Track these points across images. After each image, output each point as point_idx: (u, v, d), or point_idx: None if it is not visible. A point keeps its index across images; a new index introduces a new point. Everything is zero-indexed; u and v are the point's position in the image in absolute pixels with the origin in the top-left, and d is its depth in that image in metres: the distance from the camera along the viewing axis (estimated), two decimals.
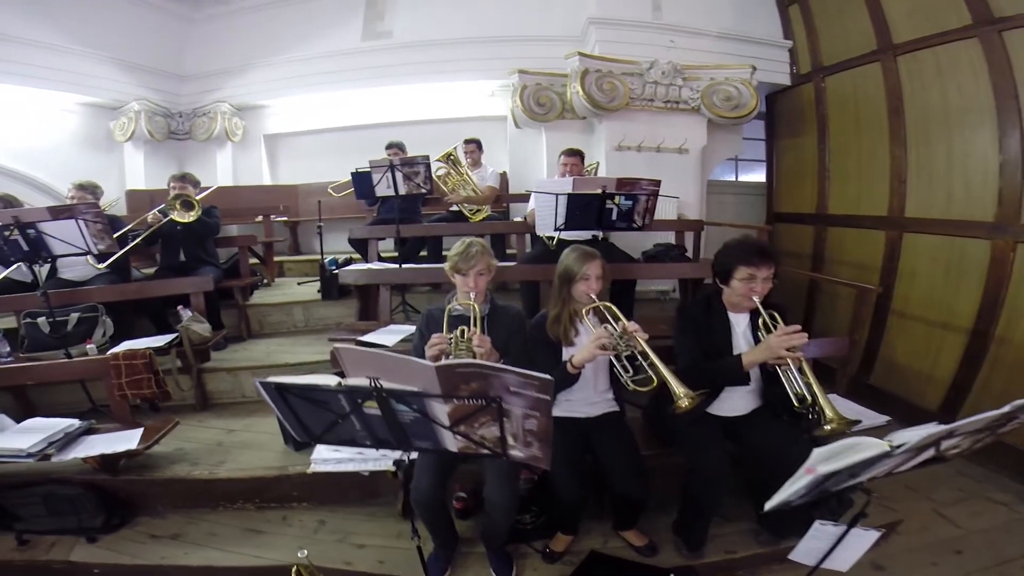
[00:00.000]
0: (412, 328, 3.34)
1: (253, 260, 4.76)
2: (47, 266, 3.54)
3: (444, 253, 4.53)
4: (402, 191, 3.87)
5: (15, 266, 3.14)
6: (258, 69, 6.26)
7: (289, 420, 1.51)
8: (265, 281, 4.93)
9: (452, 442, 1.45)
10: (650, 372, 1.95)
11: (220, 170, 6.30)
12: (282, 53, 6.15)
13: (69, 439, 2.62)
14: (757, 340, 2.11)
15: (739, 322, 2.21)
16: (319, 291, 4.42)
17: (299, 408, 1.46)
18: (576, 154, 3.78)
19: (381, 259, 4.29)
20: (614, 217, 2.94)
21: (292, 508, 2.70)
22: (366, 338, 3.19)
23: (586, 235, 3.38)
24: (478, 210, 4.65)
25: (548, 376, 1.21)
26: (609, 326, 2.04)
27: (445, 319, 2.15)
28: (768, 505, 1.32)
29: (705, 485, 2.11)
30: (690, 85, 5.12)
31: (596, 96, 4.98)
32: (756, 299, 2.05)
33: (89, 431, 2.73)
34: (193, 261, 3.91)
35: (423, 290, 4.31)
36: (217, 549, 2.44)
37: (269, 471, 2.72)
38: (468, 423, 1.37)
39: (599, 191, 2.84)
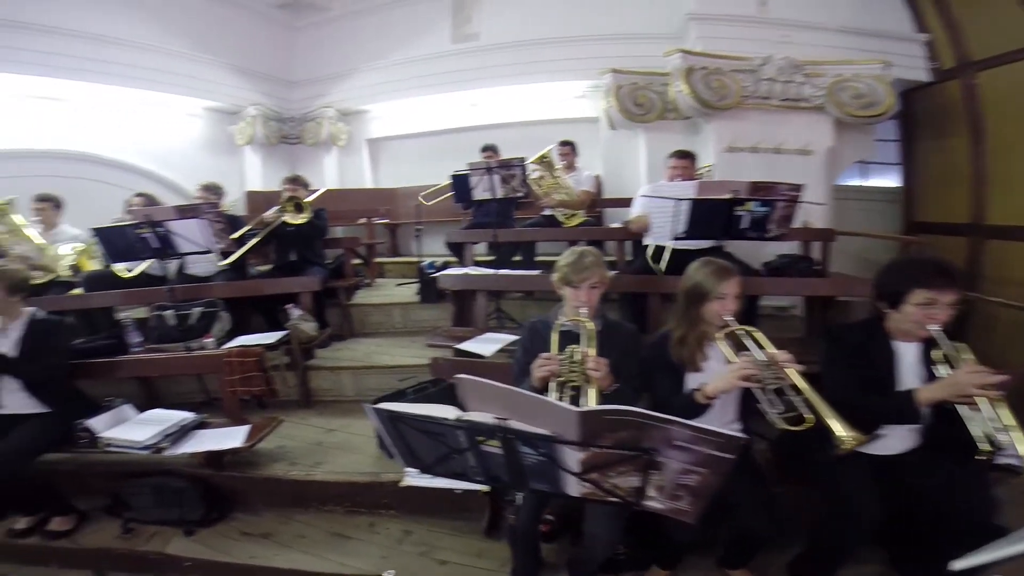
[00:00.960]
0: (509, 337, 3.23)
1: (356, 261, 4.89)
2: (176, 262, 3.83)
3: (537, 259, 4.47)
4: (499, 194, 3.80)
5: (149, 261, 3.41)
6: (358, 75, 6.49)
7: (398, 447, 1.42)
8: (367, 282, 5.06)
9: (576, 488, 1.29)
10: (802, 409, 1.67)
11: (327, 173, 6.62)
12: (379, 58, 6.35)
13: (182, 433, 2.73)
14: (930, 374, 1.76)
15: (906, 352, 1.85)
16: (417, 293, 4.45)
17: (410, 437, 1.37)
18: (686, 156, 3.49)
19: (475, 263, 4.24)
20: (744, 225, 2.63)
21: (380, 515, 2.66)
22: (463, 346, 3.12)
23: (699, 244, 3.08)
24: (572, 215, 4.47)
25: (741, 435, 1.02)
26: (750, 353, 1.78)
27: (554, 336, 1.97)
28: (961, 564, 1.10)
29: (850, 530, 1.82)
30: (812, 82, 4.68)
31: (704, 94, 4.66)
32: (935, 328, 1.70)
33: (201, 425, 2.84)
34: (303, 261, 4.07)
35: (515, 297, 4.19)
36: (304, 552, 2.44)
37: (363, 477, 2.71)
38: (603, 471, 1.19)
39: (728, 196, 2.55)
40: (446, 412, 1.28)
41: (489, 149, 4.85)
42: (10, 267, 2.74)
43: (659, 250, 3.01)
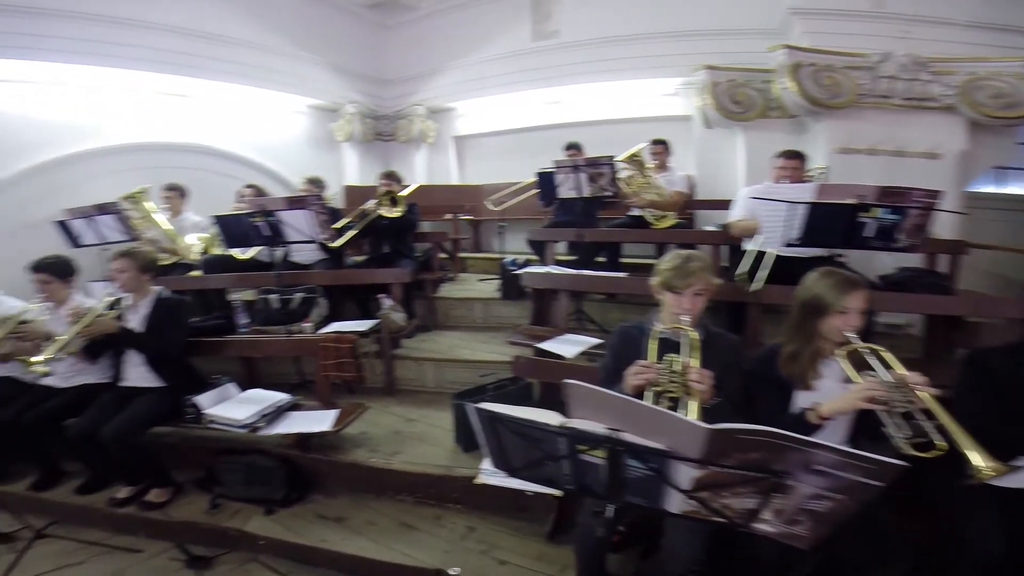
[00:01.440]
0: (591, 340, 3.17)
1: (441, 255, 5.01)
2: (282, 249, 4.10)
3: (622, 260, 4.35)
4: (586, 193, 3.73)
5: (260, 248, 3.67)
6: (444, 72, 6.62)
7: (491, 447, 1.41)
8: (450, 276, 5.18)
9: (678, 505, 1.22)
10: (933, 435, 1.49)
11: (417, 169, 6.83)
12: (463, 56, 6.43)
13: (277, 414, 2.88)
14: None
15: None
16: (497, 290, 4.49)
17: (506, 439, 1.35)
18: (796, 156, 3.23)
19: (556, 262, 4.20)
20: (868, 233, 2.38)
21: (447, 509, 2.69)
22: (543, 346, 3.10)
23: (808, 252, 2.84)
24: (663, 216, 4.30)
25: (899, 462, 0.91)
26: (874, 373, 1.60)
27: (652, 344, 1.87)
28: None
29: (966, 566, 1.66)
30: (941, 80, 4.24)
31: (814, 92, 4.34)
32: None
33: (294, 407, 2.98)
34: (394, 253, 4.22)
35: (597, 298, 4.10)
36: (372, 540, 2.49)
37: (436, 469, 2.75)
38: (715, 490, 1.12)
39: (853, 201, 2.32)
40: (549, 418, 1.25)
41: (573, 147, 4.78)
42: (143, 248, 3.06)
43: (760, 257, 2.81)
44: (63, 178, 4.37)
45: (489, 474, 2.21)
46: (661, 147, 4.59)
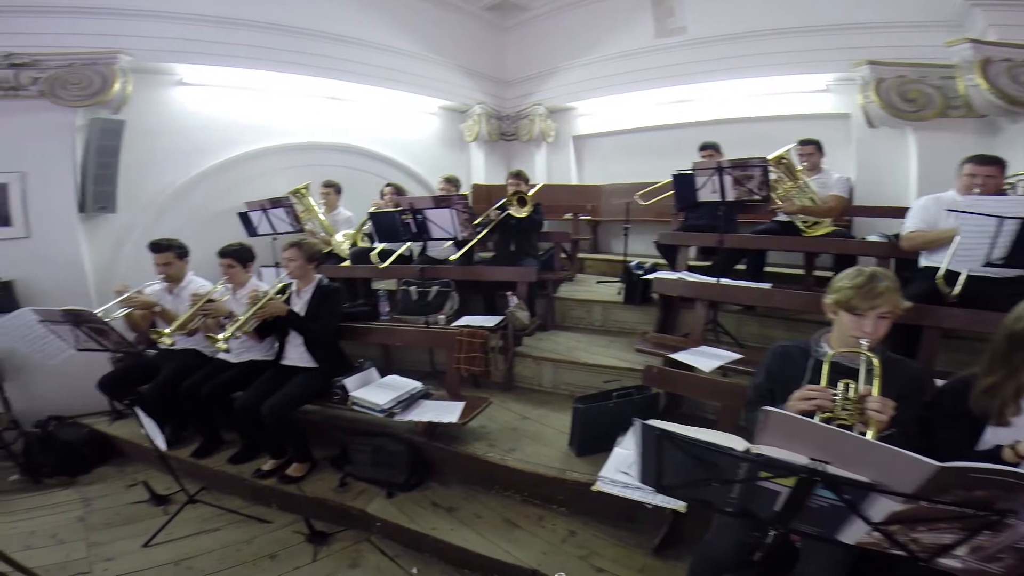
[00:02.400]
0: (729, 354, 2.98)
1: (561, 255, 5.02)
2: (420, 244, 4.37)
3: (766, 270, 4.04)
4: (730, 197, 3.50)
5: (406, 244, 3.95)
6: (563, 72, 6.58)
7: (646, 461, 1.38)
8: (570, 276, 5.17)
9: (856, 535, 1.16)
10: None
11: (537, 169, 6.90)
12: (581, 55, 6.34)
13: (411, 401, 3.07)
14: None
15: None
16: (619, 293, 4.40)
17: (668, 456, 1.31)
18: (993, 162, 2.75)
19: (688, 268, 4.01)
20: None
21: (551, 510, 2.69)
22: (678, 356, 2.97)
23: (1003, 273, 2.41)
24: (816, 223, 3.92)
25: None
26: None
27: (825, 367, 1.71)
28: None
29: None
30: None
31: (1011, 90, 3.82)
32: None
33: (425, 395, 3.16)
34: (520, 252, 4.31)
35: (732, 309, 3.85)
36: (477, 533, 2.55)
37: (549, 471, 2.75)
38: (911, 524, 1.05)
39: None
40: (732, 442, 1.21)
41: (710, 148, 4.52)
42: (310, 240, 3.41)
43: (951, 275, 2.44)
44: (243, 173, 5.01)
45: (608, 483, 2.20)
46: (811, 147, 4.18)
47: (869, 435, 1.49)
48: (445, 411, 2.99)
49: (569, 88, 6.61)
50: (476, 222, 3.92)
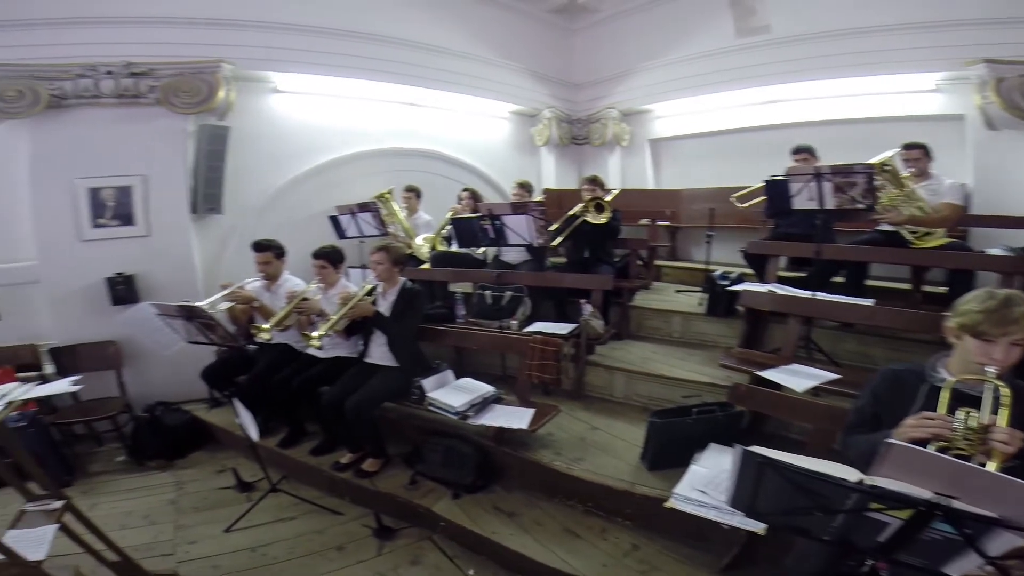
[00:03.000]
0: (825, 374, 2.79)
1: (637, 262, 4.90)
2: (494, 249, 4.42)
3: (867, 284, 3.73)
4: (829, 204, 3.26)
5: (483, 249, 4.01)
6: (636, 74, 6.41)
7: (741, 486, 1.33)
8: (646, 284, 5.04)
9: (965, 568, 1.15)
10: None
11: (611, 173, 6.78)
12: (656, 57, 6.16)
13: (484, 405, 3.11)
14: None
15: None
16: (700, 304, 4.23)
17: (767, 483, 1.26)
18: None
19: (779, 280, 3.77)
20: None
21: (614, 523, 2.63)
22: (767, 374, 2.81)
23: None
24: (926, 233, 3.57)
25: None
26: None
27: (944, 394, 1.56)
28: None
29: None
30: None
31: None
32: None
33: (497, 400, 3.19)
34: (594, 259, 4.25)
35: (828, 325, 3.57)
36: (536, 541, 2.55)
37: (618, 483, 2.71)
38: None
39: None
40: (844, 472, 1.17)
41: (804, 151, 4.23)
42: (396, 244, 3.54)
43: None
44: (331, 178, 5.26)
45: (682, 500, 2.13)
46: (918, 152, 3.80)
47: (991, 467, 1.38)
48: (515, 417, 3.01)
49: (645, 90, 6.44)
50: (552, 228, 3.89)
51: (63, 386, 2.12)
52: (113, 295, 4.05)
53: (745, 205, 4.16)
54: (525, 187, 4.70)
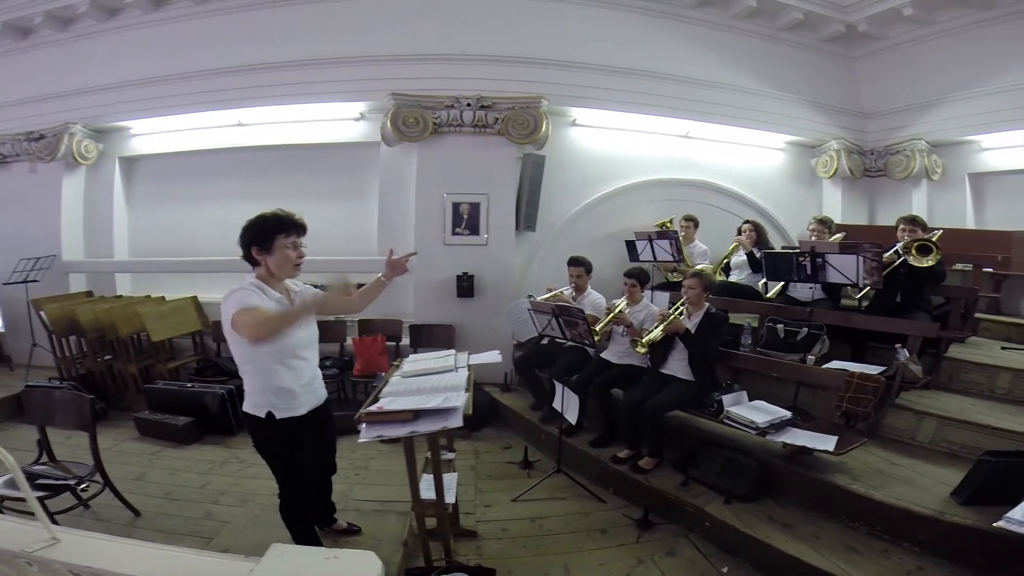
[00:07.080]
0: None
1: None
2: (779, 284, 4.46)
3: None
4: None
5: (784, 283, 4.10)
6: (950, 104, 5.80)
7: None
8: (962, 337, 4.46)
9: None
10: None
11: (915, 210, 6.02)
12: (971, 87, 5.58)
13: (780, 425, 3.24)
14: None
15: None
16: None
17: None
18: None
19: None
20: None
21: (900, 546, 2.65)
22: None
23: None
24: None
25: None
26: None
27: None
28: None
29: None
30: None
31: None
32: None
33: (792, 423, 3.28)
34: (908, 304, 3.96)
35: None
36: (813, 549, 2.63)
37: (922, 509, 2.67)
38: None
39: None
40: None
41: None
42: (709, 271, 3.89)
43: None
44: (616, 205, 5.91)
45: (1015, 524, 2.01)
46: None
47: None
48: (819, 440, 3.10)
49: (963, 120, 5.75)
50: (886, 271, 3.74)
51: (493, 356, 2.95)
52: (459, 289, 5.27)
53: None
54: (825, 223, 4.58)
